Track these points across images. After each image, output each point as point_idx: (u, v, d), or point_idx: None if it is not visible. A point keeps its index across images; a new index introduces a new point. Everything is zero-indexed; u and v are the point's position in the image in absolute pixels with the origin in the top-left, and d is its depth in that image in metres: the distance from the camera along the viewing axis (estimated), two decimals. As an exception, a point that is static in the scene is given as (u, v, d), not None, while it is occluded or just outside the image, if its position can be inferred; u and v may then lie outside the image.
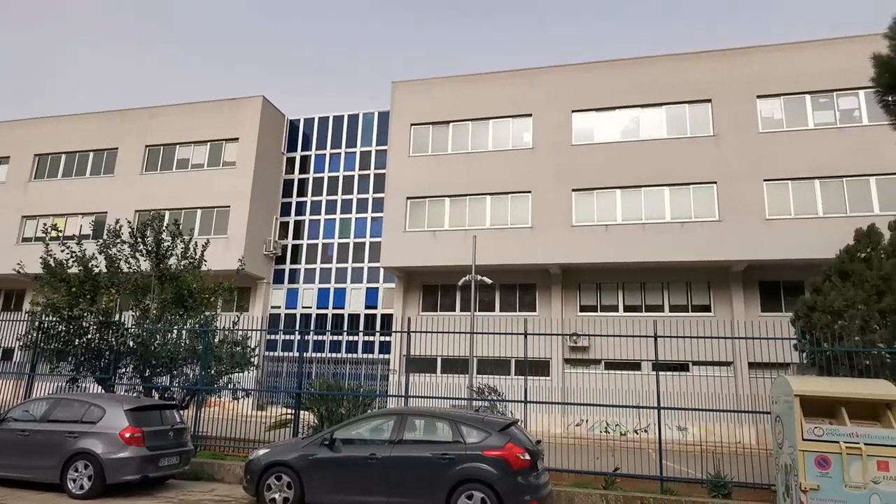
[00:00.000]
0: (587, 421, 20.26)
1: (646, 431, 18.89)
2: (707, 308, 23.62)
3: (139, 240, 14.60)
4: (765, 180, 22.43)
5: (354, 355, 28.10)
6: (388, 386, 22.62)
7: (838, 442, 7.29)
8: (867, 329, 9.89)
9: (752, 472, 9.85)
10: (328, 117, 33.11)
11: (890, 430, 7.26)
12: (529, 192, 24.71)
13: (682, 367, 20.12)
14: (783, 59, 23.31)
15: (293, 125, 33.27)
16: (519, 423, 9.26)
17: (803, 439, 7.40)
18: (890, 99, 10.27)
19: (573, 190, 24.21)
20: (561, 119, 25.10)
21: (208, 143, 30.35)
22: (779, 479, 8.07)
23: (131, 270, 14.48)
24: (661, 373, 10.39)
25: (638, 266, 23.43)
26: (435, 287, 26.64)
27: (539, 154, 25.01)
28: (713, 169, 22.94)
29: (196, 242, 15.54)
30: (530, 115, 25.58)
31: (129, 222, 15.14)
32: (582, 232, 23.63)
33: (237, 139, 29.93)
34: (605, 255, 23.12)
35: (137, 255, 14.61)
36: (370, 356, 28.14)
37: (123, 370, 13.55)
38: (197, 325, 13.65)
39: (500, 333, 11.84)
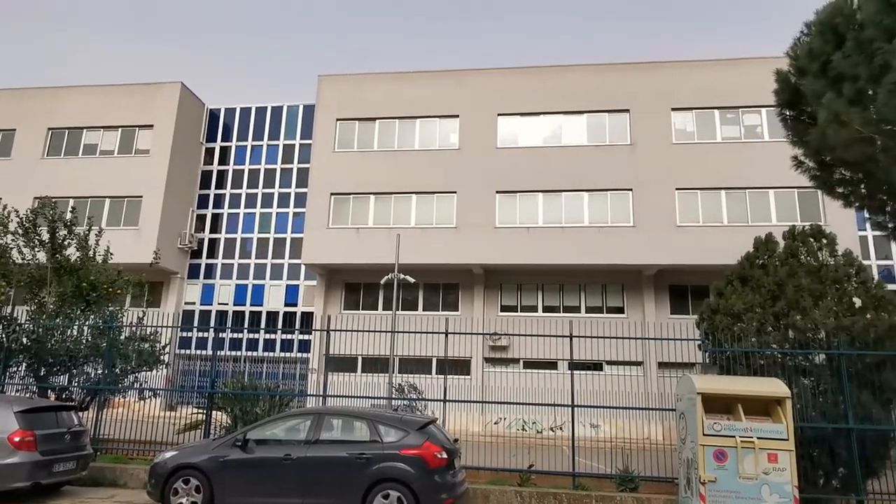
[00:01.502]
0: (505, 419, 20.66)
1: (560, 429, 19.42)
2: (621, 310, 24.61)
3: (30, 229, 13.55)
4: (676, 189, 23.64)
5: (272, 354, 27.38)
6: (307, 385, 22.17)
7: (734, 436, 7.77)
8: (762, 331, 10.57)
9: (658, 466, 10.32)
10: (250, 108, 32.10)
11: (779, 425, 7.80)
12: (455, 192, 24.91)
13: (597, 366, 20.86)
14: (696, 74, 24.65)
15: (213, 114, 32.00)
16: (437, 421, 9.30)
17: (704, 434, 7.83)
18: (787, 114, 11.03)
19: (497, 192, 24.61)
20: (487, 122, 25.45)
21: (119, 129, 28.70)
22: (681, 473, 8.50)
23: (25, 261, 13.43)
24: (575, 372, 10.71)
25: (557, 268, 24.10)
26: (357, 285, 26.36)
27: (465, 155, 25.25)
28: (629, 176, 23.94)
29: (93, 231, 14.59)
30: (457, 116, 25.79)
31: (17, 211, 13.99)
32: (505, 233, 24.06)
33: (151, 126, 28.48)
34: (527, 257, 23.66)
35: (31, 245, 13.56)
36: (289, 355, 27.50)
37: (15, 369, 12.56)
38: (100, 321, 12.84)
39: (420, 332, 11.84)
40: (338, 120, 26.54)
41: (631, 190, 23.88)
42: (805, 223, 12.53)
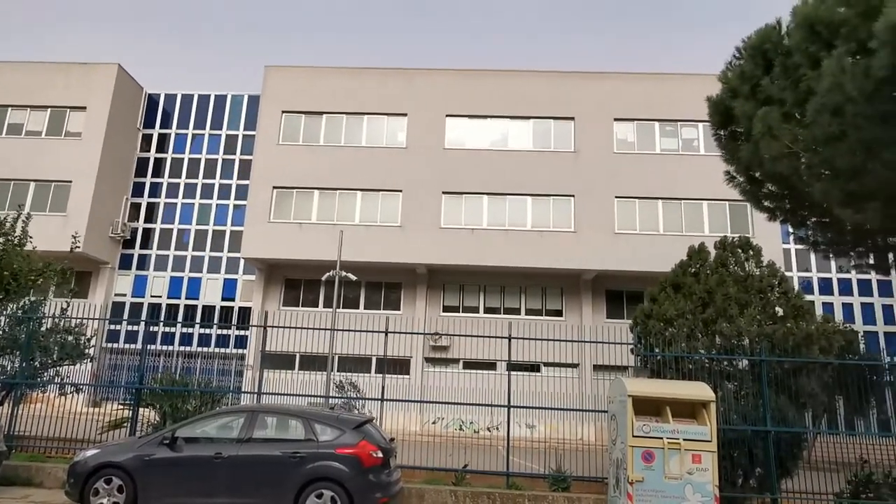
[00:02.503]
0: (443, 419, 20.75)
1: (497, 429, 19.66)
2: (559, 313, 25.13)
3: None
4: (616, 197, 24.34)
5: (207, 349, 26.56)
6: (243, 382, 21.63)
7: (662, 438, 8.06)
8: (692, 336, 11.03)
9: (589, 466, 10.58)
10: (192, 95, 31.07)
11: (704, 427, 8.15)
12: (400, 191, 24.84)
13: (534, 367, 21.25)
14: (639, 86, 25.43)
15: (152, 99, 30.81)
16: (374, 420, 9.26)
17: (633, 436, 8.09)
18: (721, 133, 11.58)
19: (443, 192, 24.70)
20: (435, 122, 25.50)
21: (48, 110, 27.24)
22: (611, 473, 8.74)
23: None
24: (513, 373, 10.86)
25: (499, 270, 24.39)
26: (298, 281, 25.91)
27: (412, 154, 25.22)
28: (572, 183, 24.48)
29: (20, 218, 13.67)
30: (405, 114, 25.73)
31: None
32: (449, 234, 24.17)
33: (84, 108, 27.15)
34: (470, 258, 23.85)
35: None
36: (224, 351, 26.75)
37: (-78, 361, 11.73)
38: (19, 311, 12.13)
39: (360, 331, 11.75)
40: (283, 112, 26.01)
41: (573, 196, 24.42)
42: (735, 234, 13.14)
